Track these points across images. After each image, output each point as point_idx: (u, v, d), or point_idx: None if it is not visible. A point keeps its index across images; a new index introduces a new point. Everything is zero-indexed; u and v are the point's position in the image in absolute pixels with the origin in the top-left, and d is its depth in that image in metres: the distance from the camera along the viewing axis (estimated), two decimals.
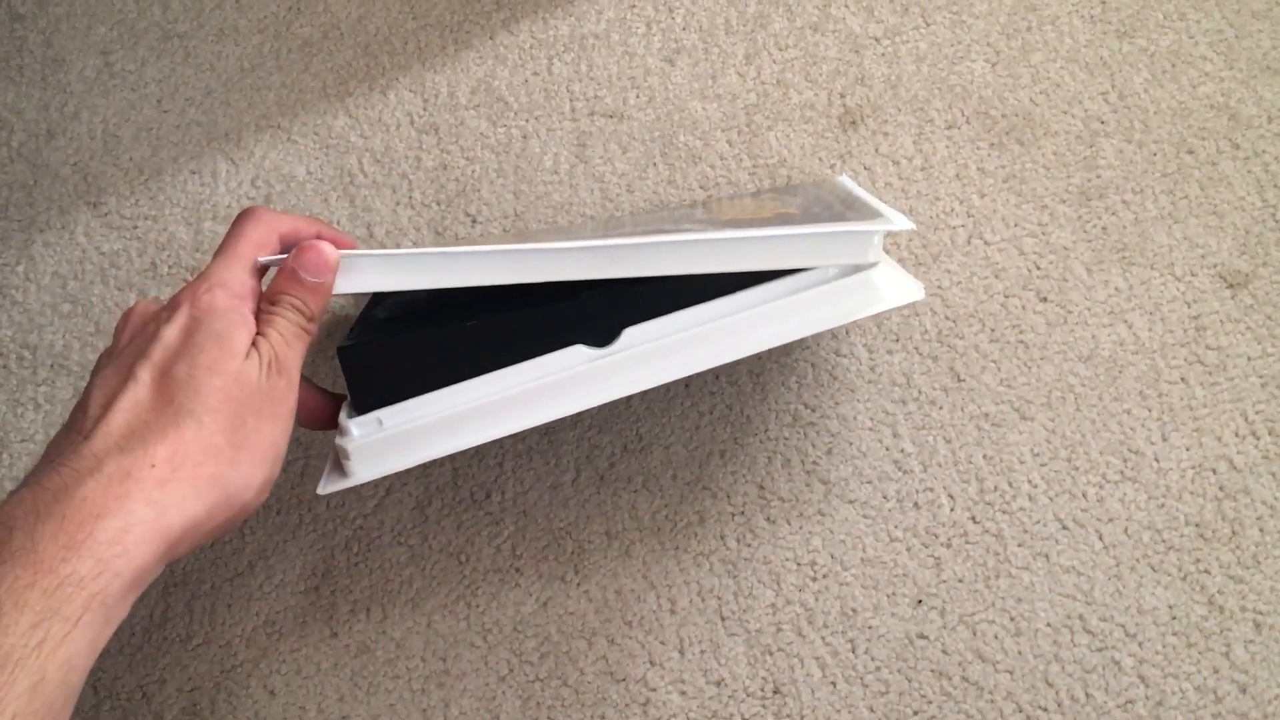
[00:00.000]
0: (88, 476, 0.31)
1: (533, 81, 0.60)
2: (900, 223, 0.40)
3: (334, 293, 0.38)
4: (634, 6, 0.61)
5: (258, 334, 0.36)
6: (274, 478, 0.36)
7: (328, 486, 0.40)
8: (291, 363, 0.37)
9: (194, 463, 0.32)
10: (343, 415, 0.40)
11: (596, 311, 0.40)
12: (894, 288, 0.41)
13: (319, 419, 0.42)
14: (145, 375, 0.34)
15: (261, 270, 0.39)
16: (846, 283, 0.40)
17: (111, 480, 0.31)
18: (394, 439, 0.39)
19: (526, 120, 0.59)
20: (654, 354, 0.40)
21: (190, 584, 0.51)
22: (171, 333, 0.35)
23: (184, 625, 0.50)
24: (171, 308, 0.36)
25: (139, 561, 0.30)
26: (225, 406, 0.34)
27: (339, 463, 0.40)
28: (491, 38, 0.61)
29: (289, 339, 0.37)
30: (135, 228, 0.59)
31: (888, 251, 0.53)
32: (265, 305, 0.37)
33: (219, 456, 0.33)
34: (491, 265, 0.39)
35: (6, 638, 0.28)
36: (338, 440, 0.40)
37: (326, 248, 0.38)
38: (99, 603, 0.29)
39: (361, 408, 0.40)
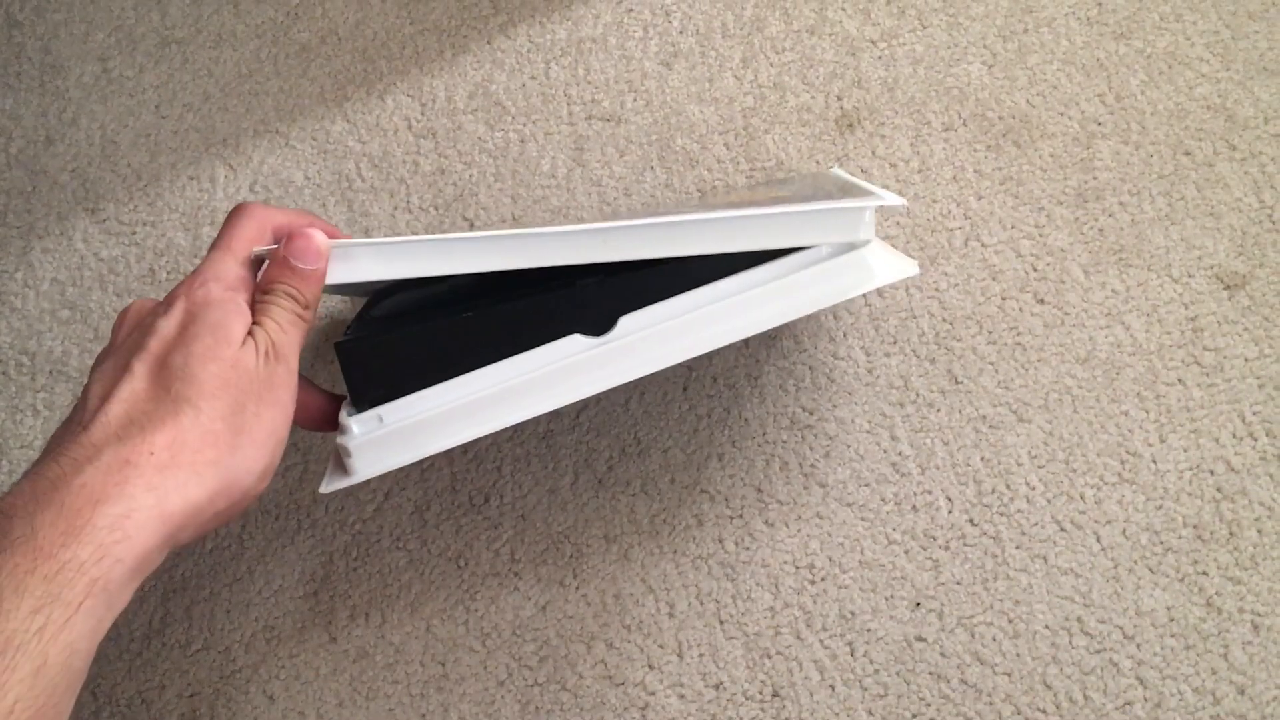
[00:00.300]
0: (86, 464, 0.31)
1: (530, 86, 0.60)
2: (891, 199, 0.40)
3: (328, 281, 0.38)
4: (631, 10, 0.61)
5: (254, 322, 0.36)
6: (275, 464, 0.36)
7: (330, 485, 0.40)
8: (289, 349, 0.37)
9: (193, 449, 0.33)
10: (343, 413, 0.40)
11: (593, 300, 0.40)
12: (888, 265, 0.41)
13: (319, 420, 0.42)
14: (141, 367, 0.34)
15: (256, 263, 0.39)
16: (840, 261, 0.40)
17: (110, 468, 0.31)
18: (395, 434, 0.39)
19: (524, 124, 0.59)
20: (651, 340, 0.40)
21: (189, 589, 0.51)
22: (167, 325, 0.35)
23: (183, 631, 0.50)
24: (167, 303, 0.36)
25: (140, 547, 0.31)
26: (223, 393, 0.34)
27: (341, 461, 0.40)
28: (489, 42, 0.62)
29: (284, 326, 0.37)
30: (134, 234, 0.59)
31: None
32: (259, 295, 0.38)
33: (219, 442, 0.33)
34: (484, 251, 0.39)
35: (7, 623, 0.28)
36: (339, 439, 0.40)
37: (316, 234, 0.38)
38: (100, 588, 0.29)
39: (360, 404, 0.40)
